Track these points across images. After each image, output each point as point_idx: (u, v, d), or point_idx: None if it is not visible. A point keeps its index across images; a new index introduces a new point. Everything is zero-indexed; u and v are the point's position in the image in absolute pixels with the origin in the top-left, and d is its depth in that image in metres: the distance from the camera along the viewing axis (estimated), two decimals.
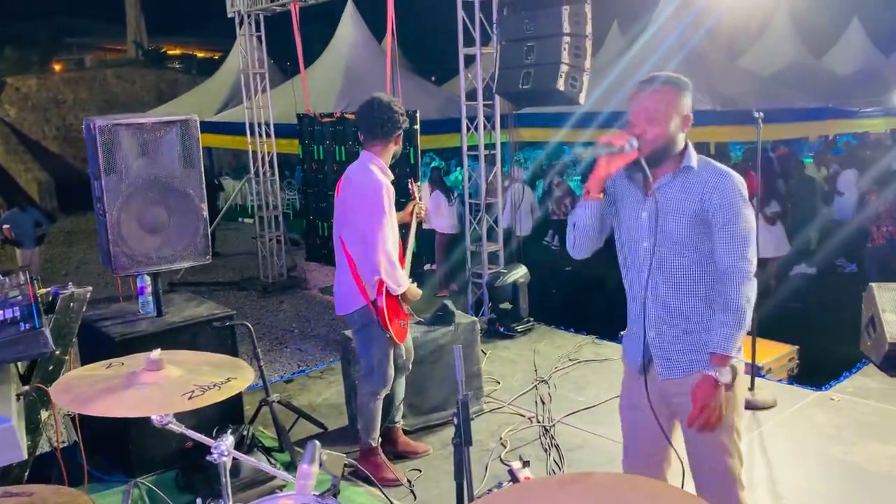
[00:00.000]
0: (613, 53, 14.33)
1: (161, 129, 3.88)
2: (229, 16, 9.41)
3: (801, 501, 3.56)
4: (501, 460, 4.03)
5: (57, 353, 2.64)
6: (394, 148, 3.71)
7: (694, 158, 2.38)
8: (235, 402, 4.13)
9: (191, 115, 4.03)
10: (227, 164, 20.02)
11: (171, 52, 29.93)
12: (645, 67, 10.62)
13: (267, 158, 9.82)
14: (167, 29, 29.48)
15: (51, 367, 2.69)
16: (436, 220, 9.44)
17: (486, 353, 5.58)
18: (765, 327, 5.03)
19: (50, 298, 2.83)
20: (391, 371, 3.81)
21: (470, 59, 6.84)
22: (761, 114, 4.58)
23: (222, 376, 1.93)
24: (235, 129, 11.15)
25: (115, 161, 3.76)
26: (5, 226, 9.53)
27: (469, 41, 6.67)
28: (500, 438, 4.30)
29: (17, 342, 2.31)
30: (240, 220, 15.30)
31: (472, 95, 6.88)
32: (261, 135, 9.72)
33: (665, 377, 2.41)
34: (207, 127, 12.86)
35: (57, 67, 23.78)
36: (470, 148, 6.99)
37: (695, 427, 2.30)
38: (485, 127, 6.86)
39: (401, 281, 3.64)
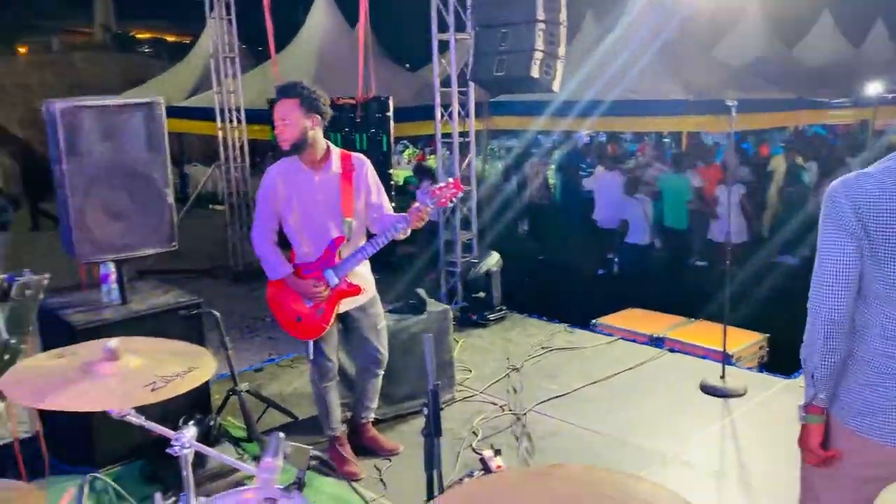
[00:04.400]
0: (589, 42, 14.34)
1: (125, 111, 3.77)
2: None
3: (771, 488, 3.58)
4: (473, 449, 4.01)
5: (13, 342, 2.55)
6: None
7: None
8: (202, 392, 4.05)
9: (155, 98, 3.93)
10: (197, 151, 19.71)
11: (140, 36, 29.42)
12: (620, 58, 10.63)
13: (238, 144, 9.67)
14: (136, 12, 28.90)
15: (6, 357, 2.60)
16: None
17: (458, 342, 5.55)
18: (735, 315, 5.08)
19: (5, 286, 2.73)
20: (321, 360, 3.73)
21: (444, 46, 6.78)
22: (735, 103, 4.58)
23: (184, 365, 1.86)
24: (205, 114, 10.96)
25: (77, 145, 3.64)
26: None
27: (443, 27, 6.60)
28: (472, 427, 4.28)
29: None
30: (210, 207, 15.08)
31: (446, 82, 6.81)
32: (231, 120, 9.56)
33: None
34: (177, 112, 12.65)
35: (22, 51, 23.23)
36: (443, 136, 6.94)
37: None
38: (459, 115, 6.80)
39: (269, 266, 3.64)
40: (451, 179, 3.56)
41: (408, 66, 17.99)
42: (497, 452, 3.79)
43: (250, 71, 12.12)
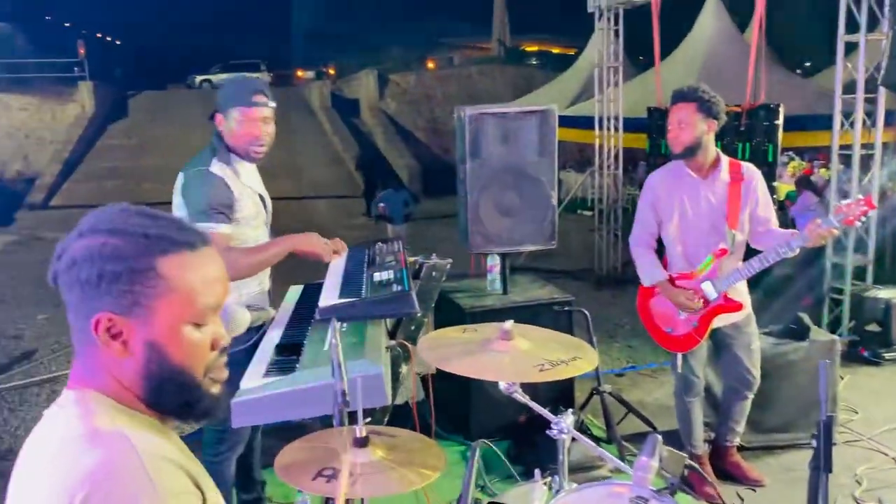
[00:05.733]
0: None
1: (522, 118, 4.09)
2: (589, 10, 9.57)
3: None
4: (854, 499, 3.56)
5: (419, 315, 2.94)
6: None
7: None
8: (567, 386, 4.23)
9: (549, 106, 4.19)
10: (571, 158, 20.51)
11: (529, 49, 31.64)
12: None
13: (612, 152, 9.85)
14: (528, 27, 31.14)
15: (413, 327, 3.01)
16: (800, 221, 8.63)
17: (842, 378, 4.96)
18: None
19: (416, 266, 3.16)
20: (688, 374, 3.60)
21: (849, 48, 6.11)
22: None
23: (569, 355, 1.97)
24: (583, 122, 11.35)
25: (479, 147, 4.06)
26: (381, 204, 10.98)
27: (851, 28, 5.94)
28: (855, 474, 3.79)
29: (391, 301, 2.62)
30: (579, 212, 15.58)
31: (848, 89, 6.13)
32: (608, 129, 9.77)
33: None
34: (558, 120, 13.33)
35: (430, 65, 26.51)
36: (841, 147, 6.25)
37: None
38: (863, 124, 6.06)
39: (644, 271, 3.57)
40: (860, 196, 3.19)
41: (799, 72, 16.59)
42: None
43: (630, 80, 12.23)
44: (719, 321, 3.51)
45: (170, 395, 1.13)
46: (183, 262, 1.11)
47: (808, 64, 19.64)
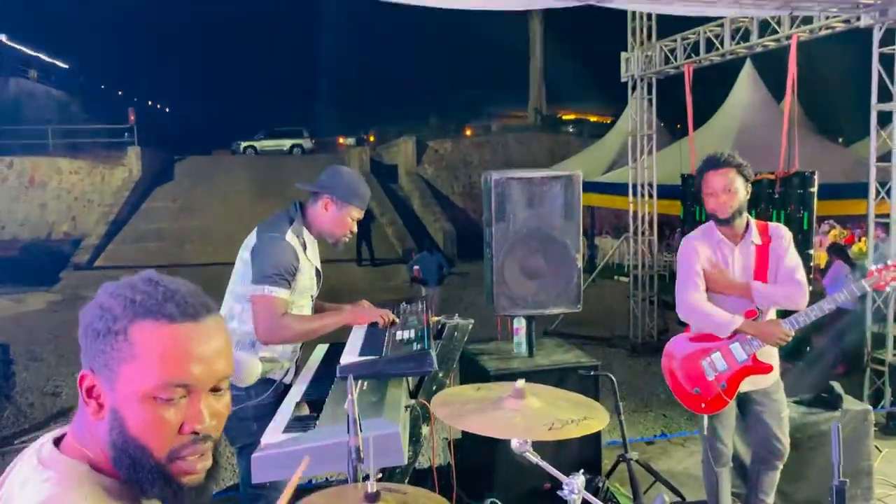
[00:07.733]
0: None
1: (547, 182, 4.15)
2: (623, 80, 9.76)
3: None
4: None
5: (440, 374, 2.97)
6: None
7: None
8: (594, 453, 4.15)
9: (575, 172, 4.25)
10: (607, 224, 20.51)
11: (565, 118, 32.09)
12: None
13: (647, 218, 9.86)
14: (565, 96, 31.70)
15: (434, 388, 3.02)
16: (831, 291, 8.49)
17: (881, 451, 4.79)
18: None
19: (439, 326, 3.20)
20: (715, 441, 3.50)
21: (886, 118, 6.12)
22: None
23: (579, 414, 1.98)
24: (618, 189, 11.43)
25: (505, 210, 4.12)
26: (416, 266, 11.12)
27: (885, 96, 5.98)
28: None
29: (410, 359, 2.66)
30: (615, 278, 15.51)
31: (885, 157, 6.13)
32: (643, 195, 9.81)
33: None
34: (592, 187, 13.42)
35: (468, 133, 27.02)
36: (878, 215, 6.20)
37: None
38: None
39: (713, 321, 3.39)
40: (890, 262, 3.17)
41: (841, 140, 16.57)
42: None
43: (665, 148, 12.32)
44: (748, 385, 3.45)
45: (125, 470, 1.07)
46: (155, 331, 1.06)
47: (847, 134, 19.65)
